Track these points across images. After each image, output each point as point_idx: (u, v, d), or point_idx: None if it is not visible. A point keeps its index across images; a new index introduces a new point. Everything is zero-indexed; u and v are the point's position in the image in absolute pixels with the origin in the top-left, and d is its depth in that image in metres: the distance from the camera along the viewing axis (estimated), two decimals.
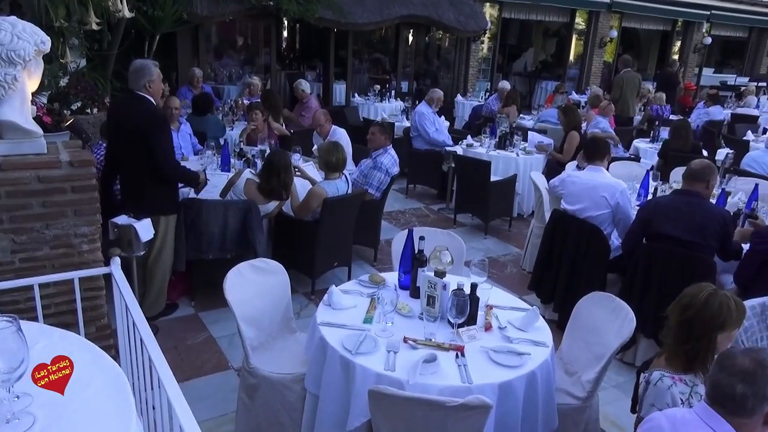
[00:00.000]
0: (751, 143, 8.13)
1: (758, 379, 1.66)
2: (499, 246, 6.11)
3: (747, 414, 1.68)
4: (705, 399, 1.79)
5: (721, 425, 1.70)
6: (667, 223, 3.76)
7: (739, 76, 18.28)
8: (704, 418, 1.73)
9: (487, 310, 2.86)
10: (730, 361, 1.71)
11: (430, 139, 7.26)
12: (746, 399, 1.66)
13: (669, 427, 1.78)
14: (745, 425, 1.70)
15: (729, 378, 1.68)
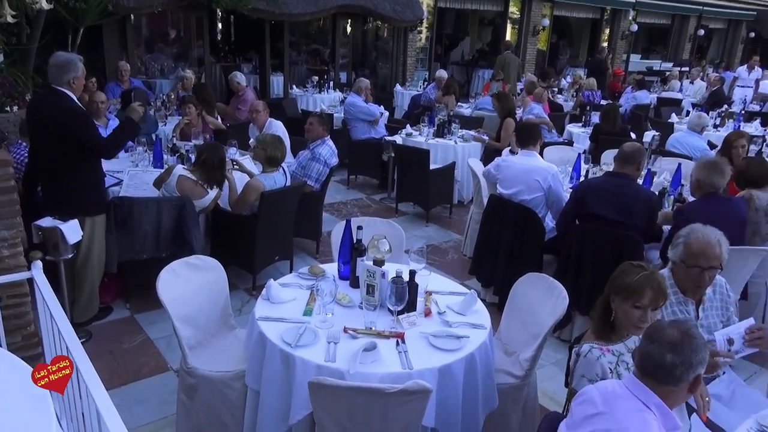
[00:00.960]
0: (675, 125, 8.51)
1: (685, 348, 1.73)
2: (441, 233, 6.19)
3: (675, 382, 1.76)
4: (634, 371, 1.86)
5: (648, 396, 1.77)
6: (599, 203, 3.90)
7: (663, 62, 19.12)
8: (632, 390, 1.80)
9: (427, 296, 2.89)
10: (659, 333, 1.78)
11: (366, 113, 7.32)
12: (675, 368, 1.73)
13: (600, 399, 1.84)
14: (672, 392, 1.78)
15: (659, 349, 1.75)
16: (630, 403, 1.78)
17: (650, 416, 1.74)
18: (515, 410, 2.83)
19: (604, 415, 1.78)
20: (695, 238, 2.57)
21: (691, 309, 2.65)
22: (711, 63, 20.03)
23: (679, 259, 2.62)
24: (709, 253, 2.55)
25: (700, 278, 2.58)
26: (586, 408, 1.85)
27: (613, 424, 1.74)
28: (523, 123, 5.04)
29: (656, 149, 6.50)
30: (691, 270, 2.57)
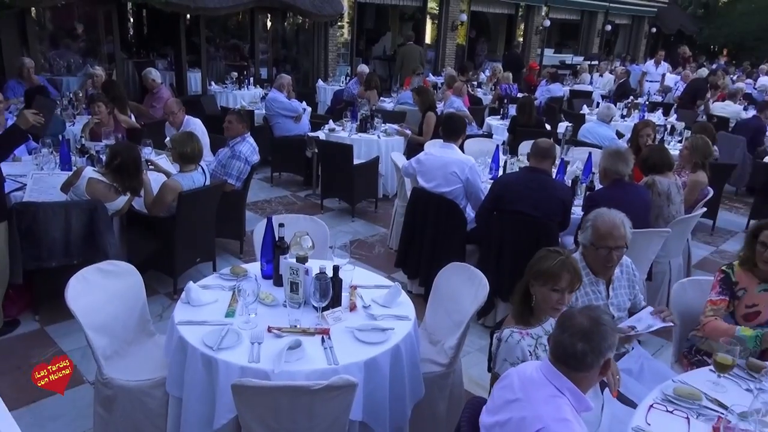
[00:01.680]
0: (586, 116, 8.95)
1: (595, 336, 1.81)
2: (367, 227, 6.21)
3: (586, 368, 1.84)
4: (549, 357, 1.93)
5: (562, 381, 1.85)
6: (517, 200, 4.00)
7: (575, 56, 20.02)
8: (547, 376, 1.87)
9: (352, 290, 2.89)
10: (570, 321, 1.86)
11: (289, 109, 7.21)
12: (586, 356, 1.81)
13: (519, 384, 1.91)
14: (585, 378, 1.87)
15: (570, 338, 1.82)
16: (545, 390, 1.84)
17: (563, 401, 1.82)
18: (442, 398, 2.89)
19: (521, 402, 1.84)
20: (602, 221, 2.72)
21: (603, 289, 2.79)
22: (618, 56, 21.17)
23: (588, 242, 2.76)
24: (615, 234, 2.70)
25: (608, 258, 2.73)
26: (506, 393, 1.91)
27: (528, 412, 1.80)
28: (449, 115, 5.11)
29: (569, 139, 6.79)
30: (600, 251, 2.71)
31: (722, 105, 10.12)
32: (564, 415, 1.77)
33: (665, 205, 4.36)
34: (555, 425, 1.73)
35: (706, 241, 6.35)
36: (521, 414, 1.81)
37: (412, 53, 11.95)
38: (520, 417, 1.80)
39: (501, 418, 1.86)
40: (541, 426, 1.73)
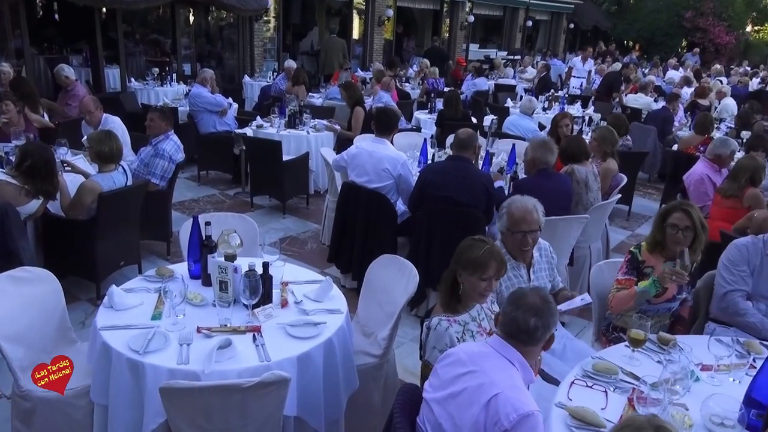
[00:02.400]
0: (510, 109, 9.22)
1: (545, 312, 1.96)
2: (299, 224, 6.17)
3: (536, 342, 1.98)
4: (498, 333, 2.03)
5: (512, 354, 1.97)
6: (443, 186, 4.11)
7: (499, 51, 20.59)
8: (498, 350, 1.98)
9: (283, 287, 2.87)
10: (522, 300, 1.98)
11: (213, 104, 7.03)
12: (537, 330, 1.95)
13: (468, 359, 1.99)
14: (532, 351, 2.01)
15: (523, 314, 1.94)
16: (497, 361, 1.95)
17: (514, 371, 1.94)
18: (376, 388, 2.93)
19: (475, 372, 1.93)
20: (515, 207, 2.85)
21: (524, 272, 2.91)
22: (539, 51, 21.95)
23: (505, 228, 2.88)
24: (528, 219, 2.84)
25: (523, 242, 2.86)
26: (455, 368, 1.98)
27: (484, 379, 1.89)
28: (382, 110, 5.15)
29: (495, 132, 6.99)
30: (515, 235, 2.84)
31: (635, 97, 10.70)
32: (518, 383, 1.89)
33: (584, 192, 4.58)
34: (510, 391, 1.83)
35: (623, 225, 6.72)
36: (477, 382, 1.89)
37: (335, 46, 12.12)
38: (477, 384, 1.89)
39: (454, 389, 1.93)
40: (498, 391, 1.83)
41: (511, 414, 1.77)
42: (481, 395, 1.85)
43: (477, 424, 1.83)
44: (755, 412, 2.07)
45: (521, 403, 1.80)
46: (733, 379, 2.40)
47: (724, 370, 2.45)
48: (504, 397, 1.81)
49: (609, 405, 2.20)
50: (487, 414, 1.81)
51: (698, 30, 23.29)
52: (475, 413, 1.83)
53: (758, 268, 3.00)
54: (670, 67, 17.40)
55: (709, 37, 23.19)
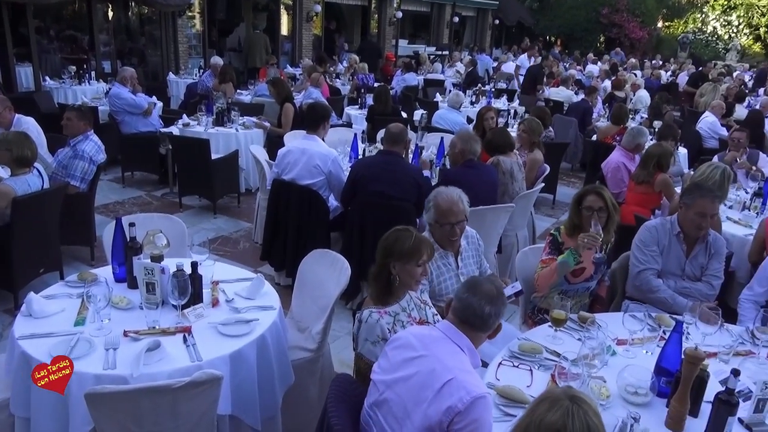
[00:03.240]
0: (439, 103, 9.39)
1: (499, 300, 2.04)
2: (230, 223, 6.07)
3: (487, 329, 2.06)
4: (450, 318, 2.08)
5: (462, 339, 2.03)
6: (374, 180, 4.16)
7: (428, 46, 20.87)
8: (448, 335, 2.03)
9: (213, 286, 2.84)
10: (479, 287, 2.04)
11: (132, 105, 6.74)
12: (490, 317, 2.02)
13: (419, 344, 2.03)
14: (480, 337, 2.08)
15: (479, 301, 2.01)
16: (447, 346, 2.00)
17: (464, 356, 2.00)
18: (312, 382, 2.94)
19: (427, 357, 1.98)
20: (442, 199, 2.93)
21: (452, 261, 3.00)
22: (466, 47, 22.42)
23: (433, 220, 2.95)
24: (455, 210, 2.92)
25: (452, 232, 2.95)
26: (405, 351, 2.02)
27: (436, 364, 1.94)
28: (311, 106, 5.12)
29: (424, 126, 7.12)
30: (444, 227, 2.91)
31: (557, 90, 11.14)
32: (468, 368, 1.95)
33: (509, 182, 4.75)
34: (462, 375, 1.89)
35: (548, 213, 7.00)
36: (430, 367, 1.93)
37: (258, 41, 12.09)
38: (429, 369, 1.93)
39: (405, 373, 1.97)
40: (451, 376, 1.88)
41: (464, 397, 1.82)
42: (435, 380, 1.89)
43: (430, 408, 1.86)
44: (665, 380, 2.23)
45: (474, 386, 1.86)
46: (646, 351, 2.57)
47: (638, 343, 2.63)
48: (457, 382, 1.86)
49: (534, 382, 2.32)
50: (441, 399, 1.85)
51: (614, 26, 24.44)
52: (428, 397, 1.88)
53: (667, 248, 3.21)
54: (589, 62, 18.21)
55: (625, 32, 24.38)
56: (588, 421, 1.41)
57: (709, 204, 3.09)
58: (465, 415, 1.81)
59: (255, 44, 12.97)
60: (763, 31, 26.72)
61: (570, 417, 1.40)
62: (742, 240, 4.21)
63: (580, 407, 1.43)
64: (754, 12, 26.95)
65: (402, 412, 1.93)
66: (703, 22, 28.11)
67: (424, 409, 1.88)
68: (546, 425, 1.41)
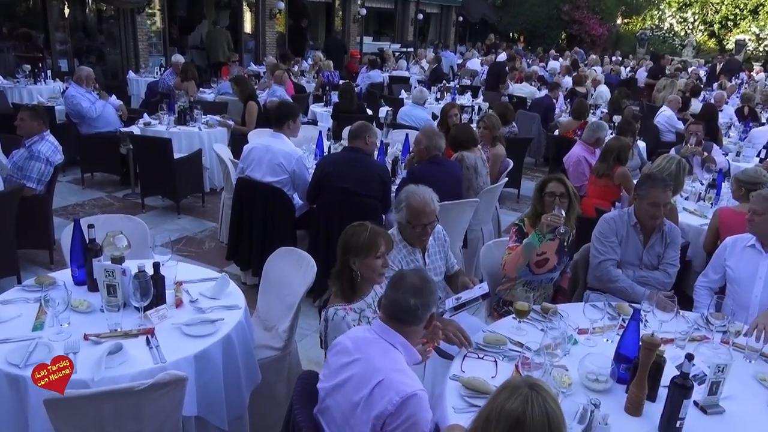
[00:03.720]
0: (404, 100, 9.43)
1: (424, 292, 2.02)
2: (195, 223, 5.99)
3: (417, 322, 2.04)
4: (380, 316, 2.08)
5: (394, 337, 2.01)
6: (339, 177, 4.16)
7: (393, 43, 20.90)
8: (380, 334, 2.02)
9: (177, 286, 2.80)
10: (402, 281, 2.03)
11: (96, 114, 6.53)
12: (417, 309, 2.00)
13: (353, 347, 2.02)
14: (414, 331, 2.05)
15: (403, 295, 2.00)
16: (379, 346, 1.99)
17: (397, 354, 1.98)
18: (280, 380, 2.94)
19: (360, 360, 1.97)
20: (414, 200, 2.89)
21: (419, 257, 3.01)
22: (431, 44, 22.53)
23: (405, 220, 2.93)
24: (428, 210, 2.91)
25: (423, 233, 2.94)
26: (342, 357, 2.02)
27: (368, 366, 1.93)
28: (278, 104, 5.08)
29: (390, 123, 7.14)
30: (416, 228, 2.90)
31: (520, 86, 11.30)
32: (401, 366, 1.94)
33: (474, 177, 4.81)
34: (393, 375, 1.88)
35: (513, 208, 7.10)
36: (362, 370, 1.93)
37: (219, 36, 11.99)
38: (361, 372, 1.93)
39: (341, 379, 1.97)
40: (381, 378, 1.87)
41: (393, 398, 1.81)
42: (365, 383, 1.88)
43: (363, 413, 1.86)
44: (624, 366, 2.29)
45: (404, 385, 1.84)
46: (606, 339, 2.64)
47: (599, 332, 2.69)
48: (387, 383, 1.85)
49: (498, 373, 2.36)
50: (372, 402, 1.85)
51: (575, 22, 24.88)
52: (361, 402, 1.87)
53: (625, 238, 3.30)
54: (551, 58, 18.50)
55: (585, 29, 24.85)
56: (547, 408, 1.43)
57: (661, 194, 3.18)
58: (397, 416, 1.81)
59: (216, 39, 12.89)
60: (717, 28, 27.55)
61: (529, 404, 1.43)
62: (698, 230, 4.34)
63: (539, 394, 1.46)
64: (708, 9, 27.76)
65: (341, 419, 1.94)
66: (660, 19, 28.81)
67: (359, 415, 1.88)
68: (506, 413, 1.44)
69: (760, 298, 3.05)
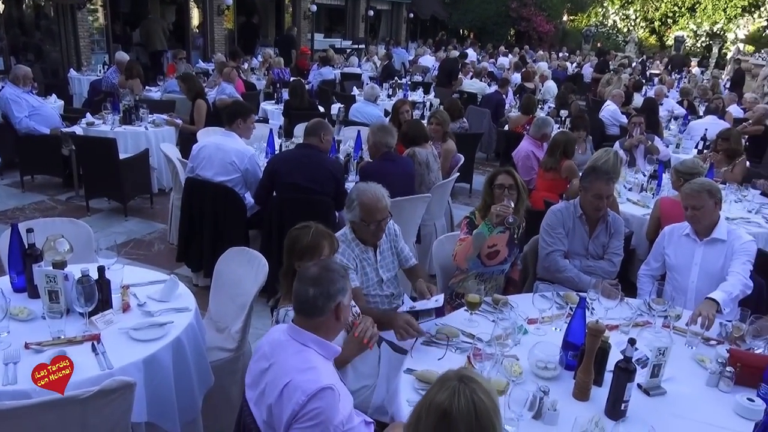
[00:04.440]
0: (356, 97, 9.42)
1: (323, 280, 1.96)
2: (143, 225, 5.83)
3: (320, 312, 1.96)
4: (293, 315, 2.04)
5: (304, 336, 1.96)
6: (291, 173, 4.13)
7: (344, 40, 20.84)
8: (291, 335, 1.98)
9: (123, 290, 2.73)
10: (304, 272, 2.01)
11: (22, 128, 6.19)
12: (317, 299, 1.94)
13: (270, 352, 1.99)
14: (322, 323, 1.98)
15: (303, 286, 1.96)
16: (291, 347, 1.95)
17: (309, 352, 1.94)
18: (234, 382, 2.90)
19: (274, 365, 1.94)
20: (366, 198, 2.88)
21: (371, 255, 3.02)
22: (382, 40, 22.56)
23: (358, 218, 2.91)
24: (380, 207, 2.91)
25: (378, 229, 2.94)
26: (261, 363, 1.99)
27: (279, 370, 1.90)
28: (233, 101, 4.99)
29: (342, 120, 7.12)
30: (370, 226, 2.90)
31: (470, 82, 11.45)
32: (310, 365, 1.89)
33: (426, 173, 4.85)
34: (300, 375, 1.85)
35: (466, 202, 7.20)
36: (274, 375, 1.90)
37: (154, 25, 11.83)
38: (272, 379, 1.90)
39: (261, 387, 1.95)
40: (288, 380, 1.84)
41: (300, 397, 1.79)
42: (275, 388, 1.86)
43: (276, 419, 1.85)
44: (571, 353, 2.36)
45: (310, 383, 1.82)
46: (555, 328, 2.71)
47: (548, 321, 2.77)
48: (294, 384, 1.83)
49: (451, 365, 2.38)
50: (282, 406, 1.83)
51: (523, 19, 25.39)
52: (273, 406, 1.85)
53: (572, 230, 3.40)
54: (501, 54, 18.81)
55: (533, 25, 25.39)
56: (474, 398, 1.42)
57: (604, 186, 3.29)
58: (304, 413, 1.79)
59: (151, 29, 12.60)
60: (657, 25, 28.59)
61: (456, 396, 1.42)
62: (641, 220, 4.51)
63: (468, 386, 1.44)
64: (648, 6, 28.78)
65: (264, 427, 1.92)
66: (604, 16, 29.69)
67: (273, 421, 1.86)
68: (434, 406, 1.43)
69: (696, 283, 3.19)
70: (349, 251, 2.92)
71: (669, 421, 2.13)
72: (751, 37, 25.05)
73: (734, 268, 3.07)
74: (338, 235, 2.95)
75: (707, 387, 2.38)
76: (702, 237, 3.25)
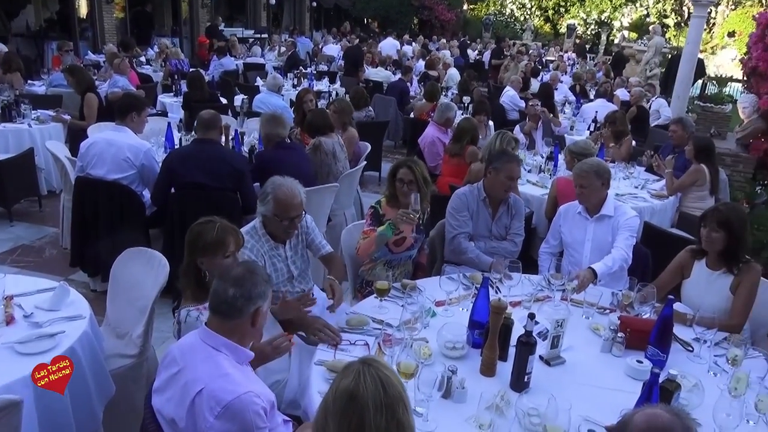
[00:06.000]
0: (260, 87, 9.18)
1: (246, 282, 1.89)
2: (32, 230, 5.41)
3: (237, 314, 1.89)
4: (207, 317, 1.96)
5: (216, 339, 1.89)
6: (190, 170, 3.95)
7: (246, 29, 20.25)
8: (204, 339, 1.90)
9: (7, 301, 2.51)
10: (227, 273, 1.94)
11: None
12: (236, 300, 1.87)
13: (179, 356, 1.90)
14: (238, 327, 1.91)
15: (224, 285, 1.89)
16: (202, 352, 1.87)
17: (221, 357, 1.86)
18: (138, 389, 2.76)
19: (183, 370, 1.86)
20: (281, 193, 2.78)
21: (282, 251, 2.95)
22: (286, 29, 22.14)
23: (271, 213, 2.80)
24: (296, 203, 2.81)
25: (291, 226, 2.85)
26: (170, 368, 1.91)
27: (189, 376, 1.82)
28: (124, 94, 4.69)
29: (246, 111, 6.92)
30: (283, 222, 2.81)
31: (375, 71, 11.49)
32: (224, 371, 1.82)
33: (333, 163, 4.82)
34: (214, 382, 1.78)
35: (375, 190, 7.23)
36: (183, 381, 1.83)
37: None
38: (182, 384, 1.82)
39: (168, 393, 1.87)
40: (201, 387, 1.77)
41: (215, 408, 1.73)
42: (186, 395, 1.79)
43: (187, 425, 1.78)
44: (477, 332, 2.44)
45: (225, 392, 1.75)
46: (462, 309, 2.79)
47: (455, 302, 2.84)
48: (207, 392, 1.76)
49: (363, 354, 2.39)
50: (194, 413, 1.76)
51: (425, 8, 25.75)
52: (183, 415, 1.78)
53: (476, 212, 3.50)
54: (405, 43, 19.00)
55: (435, 14, 25.83)
56: (379, 375, 1.46)
57: (516, 168, 3.50)
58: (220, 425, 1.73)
59: None
60: (551, 13, 29.96)
61: (361, 376, 1.45)
62: (540, 199, 4.72)
63: (371, 366, 1.49)
64: None
65: None
66: (502, 5, 30.71)
67: (182, 430, 1.80)
68: (341, 391, 1.45)
69: (590, 257, 3.38)
70: (258, 247, 2.84)
71: (569, 389, 2.24)
72: (633, 25, 26.86)
73: (618, 243, 3.29)
74: (248, 228, 2.87)
75: (602, 353, 2.53)
76: (592, 214, 3.45)
